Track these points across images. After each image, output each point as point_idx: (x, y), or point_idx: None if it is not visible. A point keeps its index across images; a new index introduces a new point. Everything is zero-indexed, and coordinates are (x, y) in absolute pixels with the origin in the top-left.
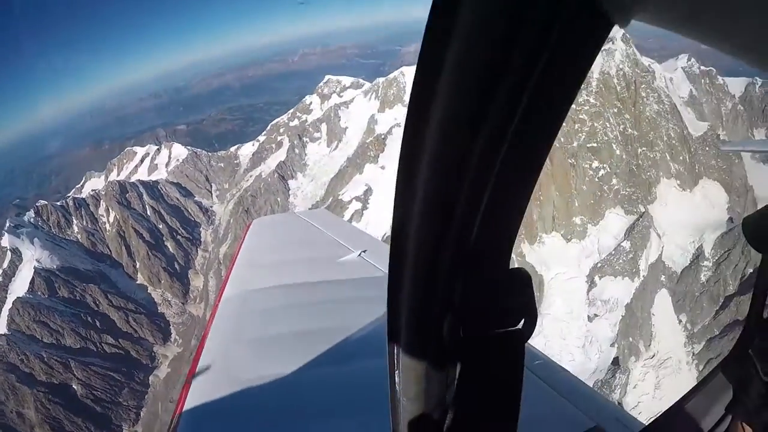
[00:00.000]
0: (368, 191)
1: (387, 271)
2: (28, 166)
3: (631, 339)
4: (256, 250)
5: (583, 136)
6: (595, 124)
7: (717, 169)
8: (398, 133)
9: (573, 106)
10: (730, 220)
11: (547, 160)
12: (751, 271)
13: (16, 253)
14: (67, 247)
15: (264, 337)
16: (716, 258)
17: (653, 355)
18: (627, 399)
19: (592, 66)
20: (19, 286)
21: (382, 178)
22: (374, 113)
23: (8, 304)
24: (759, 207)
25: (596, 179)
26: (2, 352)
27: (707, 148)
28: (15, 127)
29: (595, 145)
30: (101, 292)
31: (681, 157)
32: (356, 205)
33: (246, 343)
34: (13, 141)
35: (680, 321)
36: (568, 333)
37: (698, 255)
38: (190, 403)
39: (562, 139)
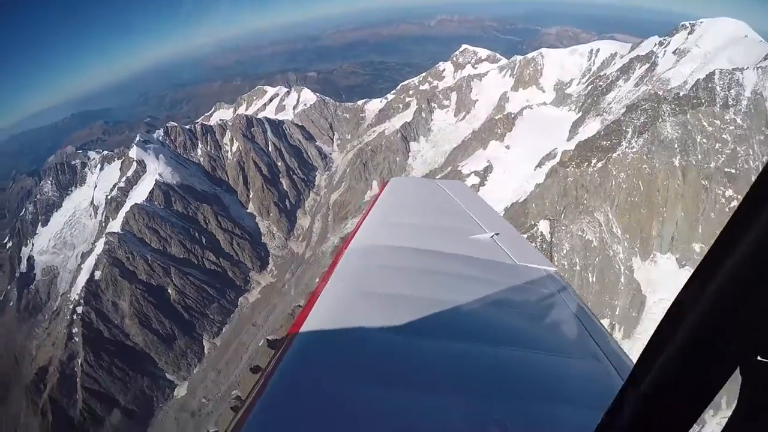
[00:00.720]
0: (488, 168)
1: (516, 261)
2: (162, 90)
3: None
4: (391, 207)
5: (723, 159)
6: (738, 149)
7: None
8: (529, 115)
9: (718, 122)
10: None
11: (679, 175)
12: None
13: (141, 165)
14: (189, 167)
15: (382, 293)
16: None
17: None
18: None
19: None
20: (139, 194)
21: (505, 157)
22: (507, 91)
23: (126, 208)
24: None
25: (727, 209)
26: (112, 247)
27: None
28: (151, 54)
29: (733, 171)
30: (213, 213)
31: None
32: (474, 180)
33: (364, 294)
34: (150, 66)
35: None
36: None
37: None
38: (305, 328)
39: (699, 156)
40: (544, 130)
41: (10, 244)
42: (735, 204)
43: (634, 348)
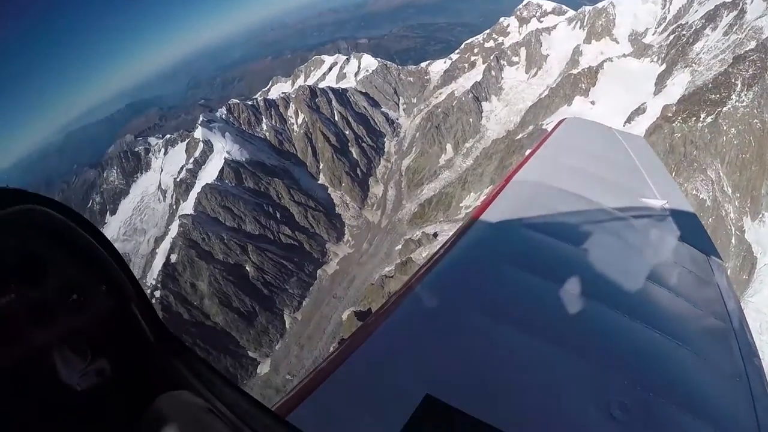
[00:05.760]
0: None
1: (682, 239)
2: (212, 72)
3: None
4: (564, 148)
5: None
6: None
7: None
8: (609, 68)
9: None
10: None
11: None
12: None
13: (208, 145)
14: (256, 143)
15: (538, 235)
16: None
17: None
18: None
19: None
20: (209, 174)
21: (591, 113)
22: (579, 44)
23: (197, 189)
24: None
25: None
26: (187, 229)
27: None
28: (195, 39)
29: None
30: (284, 187)
31: None
32: None
33: (520, 230)
34: (195, 51)
35: None
36: None
37: None
38: (452, 253)
39: None
40: (628, 83)
41: None
42: None
43: (746, 312)
